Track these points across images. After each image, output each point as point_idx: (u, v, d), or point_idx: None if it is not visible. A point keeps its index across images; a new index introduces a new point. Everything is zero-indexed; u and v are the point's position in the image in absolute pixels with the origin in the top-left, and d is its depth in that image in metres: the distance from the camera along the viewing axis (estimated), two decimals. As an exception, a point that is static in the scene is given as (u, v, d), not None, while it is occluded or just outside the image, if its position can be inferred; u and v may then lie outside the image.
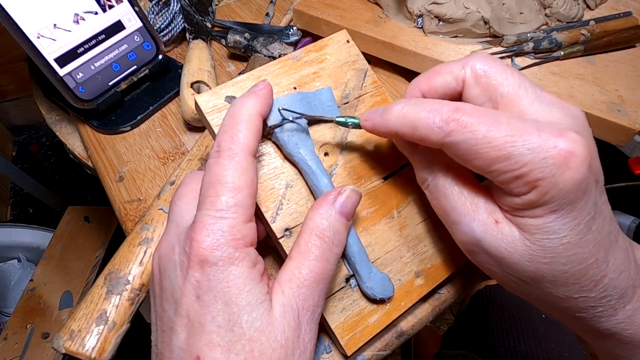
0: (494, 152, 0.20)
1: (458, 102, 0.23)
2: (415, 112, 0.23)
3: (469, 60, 0.24)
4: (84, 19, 0.41)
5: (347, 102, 0.31)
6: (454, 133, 0.21)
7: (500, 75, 0.23)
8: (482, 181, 0.25)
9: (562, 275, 0.22)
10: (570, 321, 0.25)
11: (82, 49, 0.41)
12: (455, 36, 0.45)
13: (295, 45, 0.50)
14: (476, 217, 0.23)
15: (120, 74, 0.44)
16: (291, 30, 0.51)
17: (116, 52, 0.44)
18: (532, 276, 0.22)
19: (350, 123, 0.27)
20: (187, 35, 0.50)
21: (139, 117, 0.45)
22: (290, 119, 0.28)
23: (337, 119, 0.28)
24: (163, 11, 0.52)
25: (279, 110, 0.27)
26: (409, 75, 0.49)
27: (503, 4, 0.44)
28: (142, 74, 0.46)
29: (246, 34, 0.49)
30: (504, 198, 0.22)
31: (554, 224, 0.21)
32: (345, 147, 0.31)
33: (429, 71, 0.26)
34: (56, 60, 0.40)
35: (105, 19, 0.42)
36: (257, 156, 0.28)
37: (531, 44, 0.43)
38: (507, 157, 0.20)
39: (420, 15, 0.46)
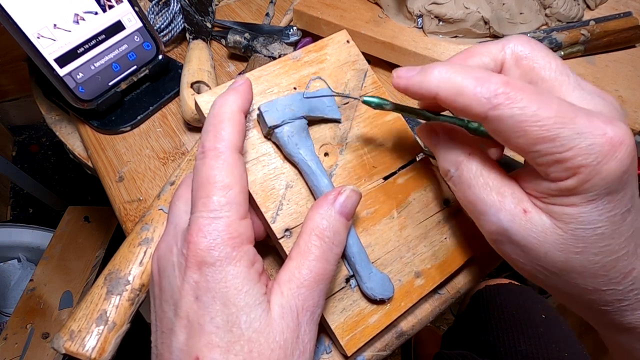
0: (541, 131, 0.19)
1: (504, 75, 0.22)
2: (461, 77, 0.21)
3: (508, 41, 0.23)
4: (84, 19, 0.41)
5: (347, 102, 0.31)
6: (501, 107, 0.20)
7: (543, 59, 0.22)
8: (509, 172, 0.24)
9: (592, 267, 0.21)
10: (592, 314, 0.25)
11: (82, 49, 0.41)
12: (455, 36, 0.45)
13: (295, 45, 0.50)
14: (503, 207, 0.22)
15: (120, 74, 0.44)
16: (291, 30, 0.51)
17: (116, 52, 0.44)
18: (561, 267, 0.22)
19: (379, 102, 0.26)
20: (187, 35, 0.50)
21: (139, 117, 0.45)
22: (315, 96, 0.28)
23: (366, 99, 0.26)
24: (163, 11, 0.52)
25: (303, 96, 0.28)
26: (409, 75, 0.49)
27: (503, 4, 0.44)
28: (142, 74, 0.46)
29: (246, 34, 0.49)
30: (537, 183, 0.22)
31: (589, 214, 0.20)
32: (345, 147, 0.31)
33: (463, 52, 0.25)
34: (56, 60, 0.40)
35: (105, 19, 0.42)
36: (257, 157, 0.28)
37: (531, 44, 0.43)
38: (553, 139, 0.19)
39: (420, 15, 0.46)
